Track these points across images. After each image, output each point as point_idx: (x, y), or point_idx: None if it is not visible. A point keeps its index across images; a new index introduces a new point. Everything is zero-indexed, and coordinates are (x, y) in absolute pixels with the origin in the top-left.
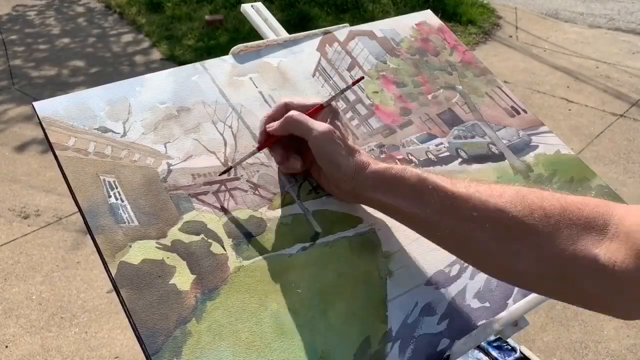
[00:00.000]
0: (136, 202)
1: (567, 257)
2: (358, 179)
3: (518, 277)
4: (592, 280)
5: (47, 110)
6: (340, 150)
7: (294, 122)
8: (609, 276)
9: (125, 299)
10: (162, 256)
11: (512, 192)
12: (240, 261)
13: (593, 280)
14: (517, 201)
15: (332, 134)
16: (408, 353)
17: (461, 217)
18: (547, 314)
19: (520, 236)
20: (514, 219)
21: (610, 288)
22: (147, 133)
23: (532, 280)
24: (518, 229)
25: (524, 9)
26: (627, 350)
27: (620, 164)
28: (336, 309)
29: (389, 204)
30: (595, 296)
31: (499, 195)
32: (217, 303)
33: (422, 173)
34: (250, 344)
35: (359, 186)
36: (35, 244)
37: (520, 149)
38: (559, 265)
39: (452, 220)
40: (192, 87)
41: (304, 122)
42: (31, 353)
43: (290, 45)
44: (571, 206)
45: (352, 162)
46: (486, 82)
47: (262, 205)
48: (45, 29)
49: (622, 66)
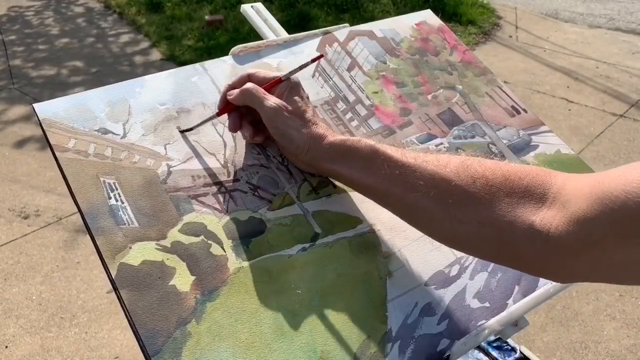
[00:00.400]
0: (136, 203)
1: (505, 223)
2: (313, 150)
3: (461, 243)
4: (527, 244)
5: (47, 112)
6: (292, 124)
7: (248, 94)
8: (542, 241)
9: (125, 300)
10: (162, 257)
11: (457, 162)
12: (240, 262)
13: (528, 244)
14: (461, 170)
15: (281, 109)
16: (408, 353)
17: (409, 186)
18: (547, 314)
19: (462, 204)
20: (457, 188)
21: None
22: (147, 134)
23: (474, 245)
24: (460, 196)
25: (524, 9)
26: (627, 350)
27: (620, 164)
28: (336, 310)
29: (344, 175)
30: (531, 260)
31: (444, 165)
32: (217, 304)
33: (374, 144)
34: (250, 344)
35: (315, 157)
36: (35, 244)
37: (521, 148)
38: (498, 231)
39: (400, 188)
40: (192, 88)
41: (257, 95)
42: (31, 353)
43: (290, 46)
44: (512, 175)
45: (305, 134)
46: (486, 82)
47: (262, 206)
48: (44, 29)
49: (622, 66)
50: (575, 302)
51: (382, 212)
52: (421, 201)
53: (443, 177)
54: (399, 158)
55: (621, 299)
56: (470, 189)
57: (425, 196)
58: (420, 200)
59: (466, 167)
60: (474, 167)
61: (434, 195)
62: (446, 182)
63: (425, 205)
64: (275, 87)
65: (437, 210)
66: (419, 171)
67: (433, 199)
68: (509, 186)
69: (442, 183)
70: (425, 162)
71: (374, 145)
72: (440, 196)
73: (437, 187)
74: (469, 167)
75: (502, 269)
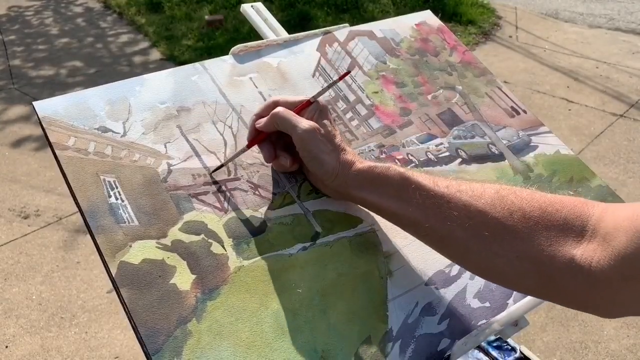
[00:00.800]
0: (136, 201)
1: (544, 257)
2: (342, 177)
3: (498, 276)
4: (568, 279)
5: (47, 110)
6: (324, 148)
7: (279, 118)
8: (584, 276)
9: (126, 298)
10: (163, 256)
11: (492, 193)
12: (241, 261)
13: (569, 279)
14: (496, 202)
15: (315, 132)
16: (408, 353)
17: (442, 217)
18: (547, 314)
19: (499, 237)
20: (493, 220)
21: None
22: (147, 133)
23: (512, 279)
24: (497, 230)
25: (523, 9)
26: (627, 350)
27: (620, 164)
28: (336, 309)
29: (373, 202)
30: (572, 294)
31: (479, 195)
32: (217, 303)
33: (404, 172)
34: (251, 343)
35: (343, 184)
36: (35, 244)
37: (520, 149)
38: (537, 265)
39: (433, 219)
40: (192, 87)
41: (289, 118)
42: (31, 353)
43: (290, 45)
44: (550, 207)
45: (335, 160)
46: (486, 82)
47: (263, 205)
48: (44, 29)
49: (622, 66)
50: None
51: None
52: (455, 232)
53: (478, 209)
54: (431, 187)
55: None
56: (506, 222)
57: (460, 227)
58: (455, 232)
59: (501, 198)
60: (509, 199)
61: (469, 227)
62: (482, 214)
63: (459, 236)
64: (304, 110)
65: (472, 243)
66: (453, 201)
67: (468, 230)
68: (546, 219)
69: (477, 215)
70: (459, 191)
71: (404, 173)
72: (476, 228)
73: (472, 218)
74: (504, 198)
75: None
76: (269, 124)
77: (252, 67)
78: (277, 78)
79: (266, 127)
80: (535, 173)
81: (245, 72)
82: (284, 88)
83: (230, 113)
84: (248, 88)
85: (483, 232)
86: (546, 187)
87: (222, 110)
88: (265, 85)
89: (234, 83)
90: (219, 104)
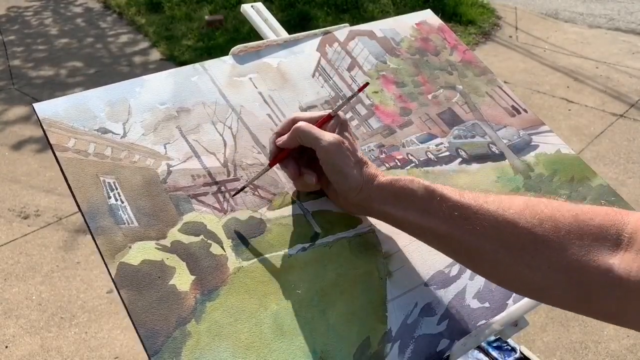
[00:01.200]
0: (136, 203)
1: (579, 268)
2: (365, 191)
3: (531, 290)
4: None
5: (47, 112)
6: (349, 162)
7: (302, 132)
8: (623, 287)
9: (125, 299)
10: (162, 257)
11: (521, 203)
12: (240, 262)
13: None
14: (526, 212)
15: (341, 144)
16: (408, 353)
17: (470, 229)
18: (547, 314)
19: (530, 248)
20: (523, 230)
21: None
22: (147, 134)
23: (545, 292)
24: (528, 240)
25: (523, 9)
26: (627, 350)
27: (620, 164)
28: (336, 310)
29: (398, 217)
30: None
31: (507, 206)
32: (216, 304)
33: (429, 185)
34: (250, 344)
35: (367, 198)
36: (35, 244)
37: (521, 148)
38: (572, 277)
39: (461, 232)
40: (191, 87)
41: (312, 131)
42: (31, 353)
43: (290, 46)
44: (582, 215)
45: (360, 173)
46: (486, 82)
47: (262, 206)
48: (43, 29)
49: (622, 66)
50: None
51: None
52: (484, 245)
53: (507, 220)
54: (457, 199)
55: None
56: (537, 232)
57: (489, 240)
58: (484, 245)
59: (531, 208)
60: (539, 208)
61: (498, 239)
62: (511, 224)
63: (488, 249)
64: (325, 125)
65: (502, 255)
66: (480, 213)
67: (497, 242)
68: (579, 227)
69: (506, 226)
70: (486, 202)
71: (428, 186)
72: (506, 240)
73: (502, 230)
74: (533, 207)
75: None
76: (291, 139)
77: (252, 68)
78: (277, 78)
79: (288, 143)
80: (535, 172)
81: (245, 73)
82: (284, 88)
83: (230, 114)
84: (248, 88)
85: (513, 243)
86: (547, 187)
87: (221, 111)
88: (265, 86)
89: (234, 83)
90: (219, 105)
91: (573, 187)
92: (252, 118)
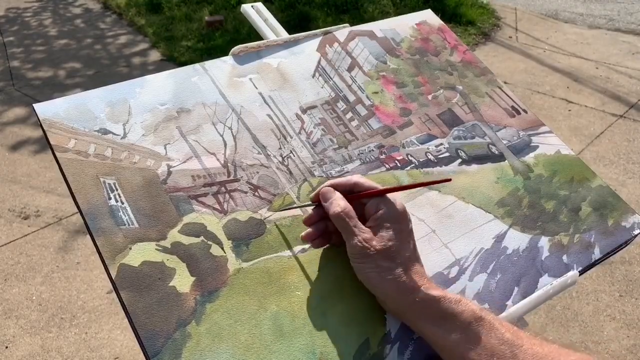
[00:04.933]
0: (136, 204)
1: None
2: (398, 302)
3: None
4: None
5: (47, 112)
6: (374, 267)
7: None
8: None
9: (125, 301)
10: (162, 258)
11: None
12: (240, 263)
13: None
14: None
15: (367, 249)
16: (407, 355)
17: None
18: (547, 314)
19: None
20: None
21: None
22: (147, 134)
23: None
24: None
25: (523, 9)
26: (627, 350)
27: (620, 164)
28: (335, 311)
29: (437, 338)
30: None
31: None
32: (216, 305)
33: (477, 310)
34: (250, 345)
35: (400, 312)
36: (35, 244)
37: (520, 149)
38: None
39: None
40: (192, 88)
41: (348, 226)
42: (31, 354)
43: (290, 46)
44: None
45: (390, 284)
46: (486, 82)
47: (262, 207)
48: (43, 30)
49: (621, 67)
50: (575, 302)
51: None
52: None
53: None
54: (508, 336)
55: (621, 300)
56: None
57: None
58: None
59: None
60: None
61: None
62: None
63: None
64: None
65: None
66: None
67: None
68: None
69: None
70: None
71: (477, 312)
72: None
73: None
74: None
75: (501, 269)
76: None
77: (252, 68)
78: (277, 78)
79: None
80: (535, 173)
81: (245, 73)
82: (284, 88)
83: (230, 114)
84: (248, 89)
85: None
86: (546, 187)
87: (222, 111)
88: (265, 86)
89: (234, 84)
90: (219, 105)
91: (572, 187)
92: (252, 118)
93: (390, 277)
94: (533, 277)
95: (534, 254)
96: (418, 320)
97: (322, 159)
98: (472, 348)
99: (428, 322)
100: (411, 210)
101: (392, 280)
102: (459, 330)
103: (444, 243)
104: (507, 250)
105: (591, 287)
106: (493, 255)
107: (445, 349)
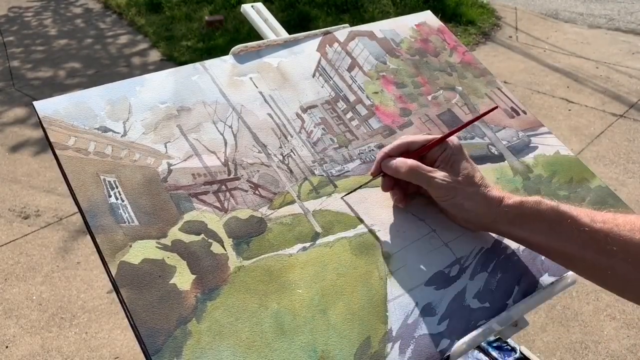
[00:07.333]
0: (136, 201)
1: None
2: (489, 216)
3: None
4: None
5: (47, 110)
6: (465, 195)
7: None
8: None
9: (126, 298)
10: (163, 256)
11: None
12: (241, 261)
13: None
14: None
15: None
16: (408, 353)
17: (601, 252)
18: (547, 314)
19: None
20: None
21: None
22: (147, 133)
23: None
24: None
25: (523, 9)
26: (627, 350)
27: (620, 164)
28: (336, 309)
29: (524, 238)
30: None
31: (638, 228)
32: (217, 303)
33: (557, 206)
34: (251, 343)
35: (491, 223)
36: (36, 244)
37: (520, 149)
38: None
39: (592, 254)
40: (192, 87)
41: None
42: (31, 353)
43: (291, 46)
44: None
45: (479, 203)
46: (486, 83)
47: (263, 205)
48: (43, 30)
49: (622, 66)
50: (575, 302)
51: (382, 212)
52: (616, 267)
53: (637, 243)
54: (587, 222)
55: (621, 299)
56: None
57: (621, 262)
58: (615, 267)
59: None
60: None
61: (631, 261)
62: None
63: (621, 270)
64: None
65: (634, 276)
66: (611, 236)
67: (630, 264)
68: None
69: (637, 249)
70: (617, 225)
71: (556, 207)
72: (637, 262)
73: (634, 252)
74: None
75: (502, 269)
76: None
77: (253, 67)
78: (277, 78)
79: (396, 174)
80: (534, 174)
81: (246, 72)
82: (284, 88)
83: (230, 113)
84: (248, 88)
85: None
86: (546, 188)
87: (222, 110)
88: (265, 86)
89: (234, 83)
90: (219, 104)
91: (572, 188)
92: (253, 117)
93: (479, 197)
94: (533, 277)
95: (534, 254)
96: (506, 225)
97: (323, 158)
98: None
99: (514, 226)
100: (411, 210)
101: (482, 199)
102: (543, 227)
103: (444, 242)
104: (507, 250)
105: (591, 287)
106: (493, 254)
107: (534, 245)
